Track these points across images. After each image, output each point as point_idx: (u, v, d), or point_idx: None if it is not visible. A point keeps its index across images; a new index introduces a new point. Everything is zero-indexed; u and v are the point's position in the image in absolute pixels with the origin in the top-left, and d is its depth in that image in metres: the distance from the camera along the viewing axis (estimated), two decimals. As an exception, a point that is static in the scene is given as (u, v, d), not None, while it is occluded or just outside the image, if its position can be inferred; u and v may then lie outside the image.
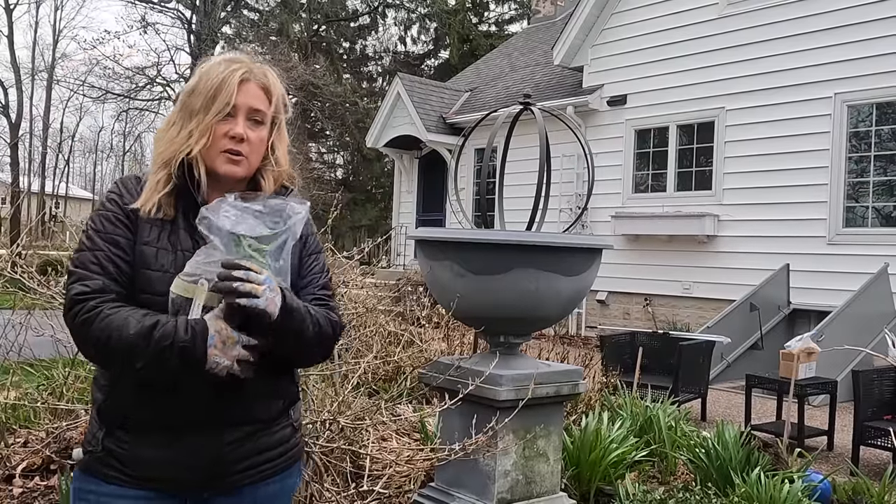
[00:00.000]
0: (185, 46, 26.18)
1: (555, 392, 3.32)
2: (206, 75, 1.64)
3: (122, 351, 1.48)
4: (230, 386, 1.56)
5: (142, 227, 1.60)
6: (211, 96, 1.62)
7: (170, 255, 1.59)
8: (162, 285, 1.56)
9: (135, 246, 1.58)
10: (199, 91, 1.63)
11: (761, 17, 10.43)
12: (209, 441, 1.59)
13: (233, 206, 1.55)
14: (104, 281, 1.54)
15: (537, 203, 3.41)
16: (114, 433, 1.59)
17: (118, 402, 1.59)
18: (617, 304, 12.00)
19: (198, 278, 1.53)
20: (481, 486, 3.25)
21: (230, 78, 1.63)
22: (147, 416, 1.58)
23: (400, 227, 15.37)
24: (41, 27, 27.72)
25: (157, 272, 1.57)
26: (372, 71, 30.58)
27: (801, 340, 5.99)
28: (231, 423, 1.62)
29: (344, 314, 4.27)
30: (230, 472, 1.63)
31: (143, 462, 1.58)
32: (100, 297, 1.52)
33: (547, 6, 18.82)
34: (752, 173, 10.43)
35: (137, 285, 1.57)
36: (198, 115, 1.62)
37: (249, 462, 1.65)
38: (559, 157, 11.71)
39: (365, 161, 26.92)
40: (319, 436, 3.24)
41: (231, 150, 1.63)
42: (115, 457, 1.59)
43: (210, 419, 1.59)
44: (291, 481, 1.77)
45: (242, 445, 1.63)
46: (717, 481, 4.11)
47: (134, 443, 1.58)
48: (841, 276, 9.26)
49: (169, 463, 1.58)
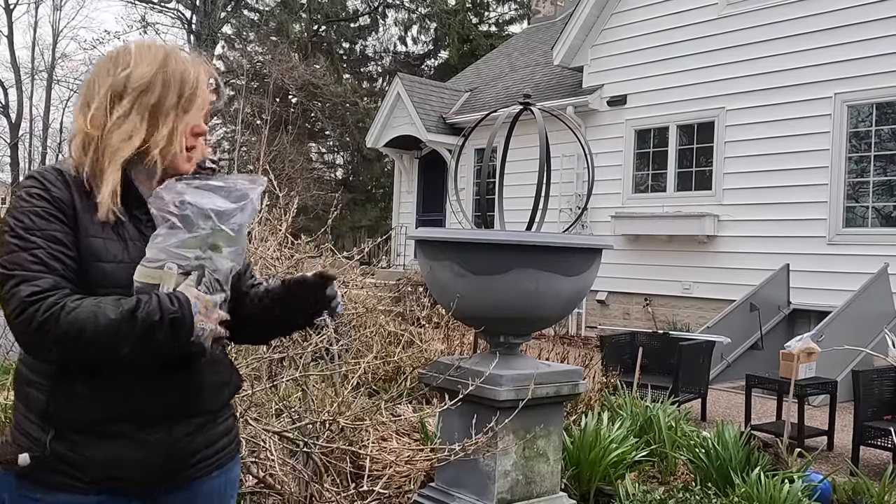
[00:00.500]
0: (185, 46, 26.16)
1: (555, 392, 3.32)
2: (171, 70, 1.57)
3: (103, 340, 1.42)
4: (191, 374, 1.57)
5: (82, 219, 1.51)
6: (190, 95, 1.57)
7: (118, 244, 1.53)
8: (118, 276, 1.50)
9: (79, 240, 1.50)
10: (165, 86, 1.56)
11: (761, 17, 10.43)
12: (163, 436, 1.55)
13: (193, 185, 1.55)
14: (54, 279, 1.44)
15: (537, 203, 3.41)
16: (65, 435, 1.50)
17: (66, 401, 1.50)
18: (617, 304, 12.00)
19: (163, 262, 1.50)
20: (481, 486, 3.25)
21: (202, 73, 1.59)
22: (100, 415, 1.50)
23: (400, 228, 15.37)
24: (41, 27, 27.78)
25: (110, 263, 1.51)
26: (372, 71, 30.57)
27: (801, 340, 5.99)
28: (184, 416, 1.59)
29: (344, 314, 4.28)
30: (184, 466, 1.60)
31: (100, 464, 1.51)
32: (55, 294, 1.43)
33: (547, 6, 18.82)
34: (752, 173, 10.43)
35: (92, 280, 1.49)
36: (171, 114, 1.56)
37: (201, 455, 1.63)
38: (559, 157, 11.70)
39: (365, 161, 26.92)
40: (319, 436, 3.24)
41: (190, 146, 1.60)
42: (66, 461, 1.50)
43: (164, 413, 1.56)
44: (235, 472, 1.76)
45: (195, 438, 1.61)
46: (717, 481, 4.11)
47: (87, 444, 1.50)
48: (841, 276, 9.26)
49: (126, 462, 1.52)
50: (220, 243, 1.54)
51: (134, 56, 1.58)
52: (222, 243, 1.54)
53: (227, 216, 1.54)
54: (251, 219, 1.61)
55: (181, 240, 1.50)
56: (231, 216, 1.54)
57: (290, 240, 4.32)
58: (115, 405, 1.51)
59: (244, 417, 3.14)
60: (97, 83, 1.58)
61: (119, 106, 1.55)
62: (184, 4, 25.50)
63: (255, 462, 3.38)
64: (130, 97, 1.55)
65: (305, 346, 3.49)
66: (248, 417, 3.17)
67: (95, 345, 1.43)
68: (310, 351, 3.46)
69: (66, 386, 1.50)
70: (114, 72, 1.57)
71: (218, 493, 1.70)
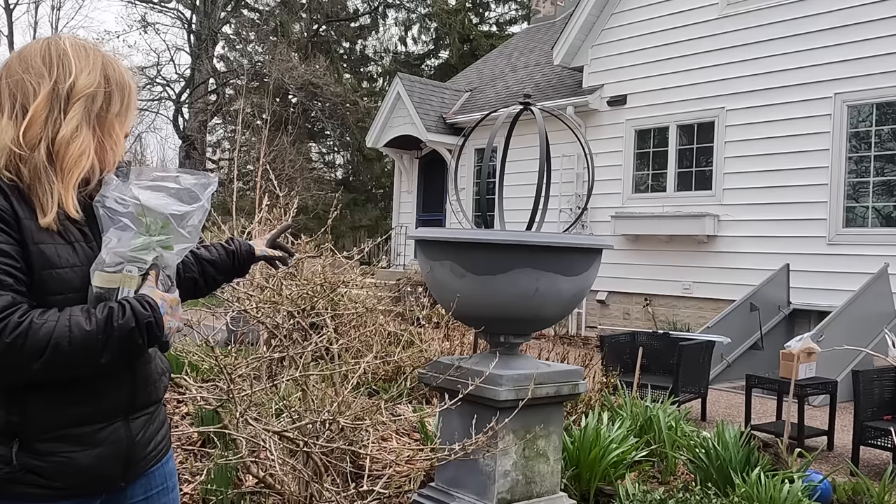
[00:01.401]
0: (185, 46, 26.20)
1: (555, 392, 3.32)
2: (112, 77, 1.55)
3: (80, 351, 1.40)
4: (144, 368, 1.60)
5: (26, 226, 1.44)
6: (127, 104, 1.57)
7: (67, 247, 1.49)
8: (75, 281, 1.48)
9: (26, 248, 1.43)
10: (108, 96, 1.54)
11: (761, 17, 10.43)
12: (124, 431, 1.57)
13: (141, 185, 1.54)
14: (10, 295, 1.38)
15: (537, 203, 3.41)
16: (29, 446, 1.46)
17: (26, 412, 1.45)
18: (617, 304, 12.00)
19: (122, 266, 1.50)
20: (481, 486, 3.25)
21: (129, 73, 1.59)
22: (62, 420, 1.48)
23: (400, 227, 15.38)
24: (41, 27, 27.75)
25: (65, 268, 1.47)
26: (372, 71, 30.57)
27: (801, 340, 5.99)
28: (139, 408, 1.61)
29: (344, 314, 4.28)
30: (142, 457, 1.64)
31: (73, 468, 1.49)
32: (17, 310, 1.37)
33: (547, 6, 18.82)
34: (753, 173, 10.43)
35: (46, 287, 1.44)
36: (116, 122, 1.56)
37: (153, 443, 1.67)
38: (559, 157, 11.71)
39: (365, 161, 26.93)
40: (319, 436, 3.24)
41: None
42: (35, 472, 1.46)
43: (122, 408, 1.57)
44: (173, 460, 1.81)
45: (148, 429, 1.64)
46: (717, 481, 4.11)
47: (53, 451, 1.47)
48: (841, 276, 9.26)
49: (97, 463, 1.53)
50: (174, 244, 1.56)
51: (73, 61, 1.52)
52: (175, 243, 1.56)
53: (182, 219, 1.55)
54: (204, 218, 1.61)
55: (138, 243, 1.51)
56: (187, 218, 1.56)
57: (290, 240, 4.32)
58: (77, 408, 1.50)
59: (244, 417, 3.15)
60: (29, 85, 1.49)
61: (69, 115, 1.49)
62: (184, 4, 25.50)
63: (255, 462, 3.38)
64: (78, 106, 1.50)
65: (305, 345, 3.49)
66: (248, 417, 3.17)
67: (72, 358, 1.40)
68: (310, 351, 3.46)
69: (25, 395, 1.46)
70: (51, 75, 1.50)
71: (167, 480, 1.75)
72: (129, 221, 1.50)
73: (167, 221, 1.53)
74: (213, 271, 1.88)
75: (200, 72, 24.25)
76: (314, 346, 3.49)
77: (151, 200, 1.52)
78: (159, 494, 1.72)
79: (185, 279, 1.78)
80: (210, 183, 1.60)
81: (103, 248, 1.50)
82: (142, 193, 1.52)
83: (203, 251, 1.88)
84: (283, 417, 3.47)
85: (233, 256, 1.92)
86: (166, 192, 1.55)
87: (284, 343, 3.57)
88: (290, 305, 3.74)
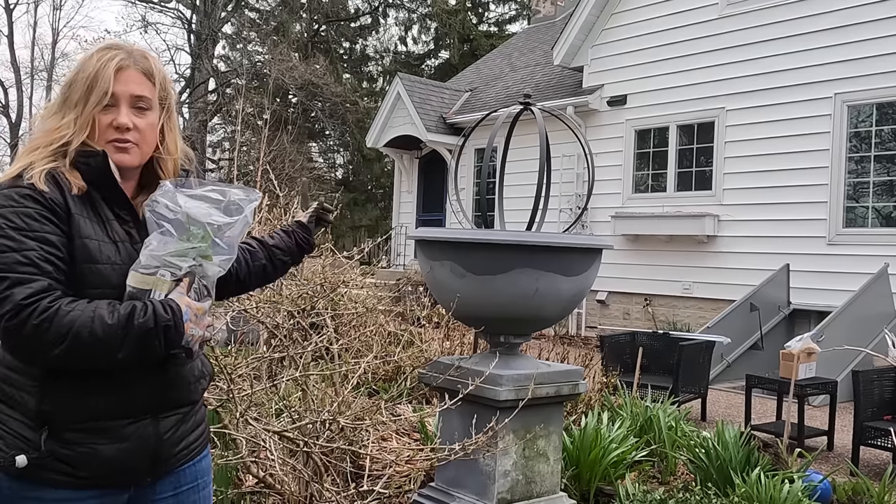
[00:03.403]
0: (185, 46, 26.19)
1: (555, 392, 3.32)
2: (83, 66, 1.62)
3: (100, 343, 1.45)
4: (175, 369, 1.63)
5: (76, 220, 1.53)
6: (88, 87, 1.59)
7: (111, 246, 1.57)
8: (113, 278, 1.54)
9: (72, 241, 1.52)
10: (76, 82, 1.60)
11: (761, 17, 10.43)
12: (153, 428, 1.61)
13: (188, 192, 1.58)
14: (48, 281, 1.46)
15: (537, 203, 3.41)
16: (58, 434, 1.52)
17: (58, 400, 1.52)
18: (617, 304, 12.00)
19: (156, 269, 1.54)
20: (481, 486, 3.25)
21: (106, 67, 1.60)
22: (92, 412, 1.54)
23: (400, 227, 15.37)
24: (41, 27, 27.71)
25: (105, 265, 1.54)
26: (372, 71, 30.57)
27: (801, 340, 5.98)
28: (170, 407, 1.65)
29: (344, 314, 4.28)
30: (171, 455, 1.67)
31: (98, 460, 1.54)
32: (49, 296, 1.45)
33: (547, 6, 18.81)
34: (753, 173, 10.43)
35: (85, 280, 1.52)
36: (76, 107, 1.59)
37: (185, 442, 1.70)
38: (559, 157, 11.70)
39: (365, 161, 26.92)
40: (319, 435, 3.24)
41: (118, 139, 1.61)
42: (62, 460, 1.52)
43: (153, 405, 1.62)
44: (209, 459, 1.84)
45: (179, 428, 1.68)
46: (717, 481, 4.11)
47: (81, 441, 1.53)
48: (841, 276, 9.26)
49: (122, 456, 1.57)
50: (212, 254, 1.59)
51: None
52: (213, 253, 1.59)
53: (221, 230, 1.59)
54: (244, 232, 1.66)
55: (175, 248, 1.54)
56: (225, 230, 1.59)
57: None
58: (106, 401, 1.55)
59: (244, 417, 3.15)
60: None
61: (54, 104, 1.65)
62: (184, 4, 25.49)
63: (255, 462, 3.38)
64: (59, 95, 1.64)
65: (305, 345, 3.50)
66: (248, 417, 3.17)
67: (91, 349, 1.45)
68: (310, 351, 3.46)
69: (57, 385, 1.52)
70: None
71: (198, 478, 1.77)
72: (172, 227, 1.55)
73: (206, 231, 1.56)
74: (280, 254, 2.01)
75: (200, 72, 24.25)
76: (314, 345, 3.49)
77: (193, 209, 1.56)
78: (189, 492, 1.75)
79: (255, 267, 1.94)
80: (255, 198, 1.65)
81: (142, 250, 1.56)
82: (185, 201, 1.56)
83: (267, 238, 2.03)
84: (283, 417, 3.47)
85: (291, 235, 2.06)
86: (210, 203, 1.59)
87: (284, 343, 3.57)
88: (291, 305, 3.74)
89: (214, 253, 1.58)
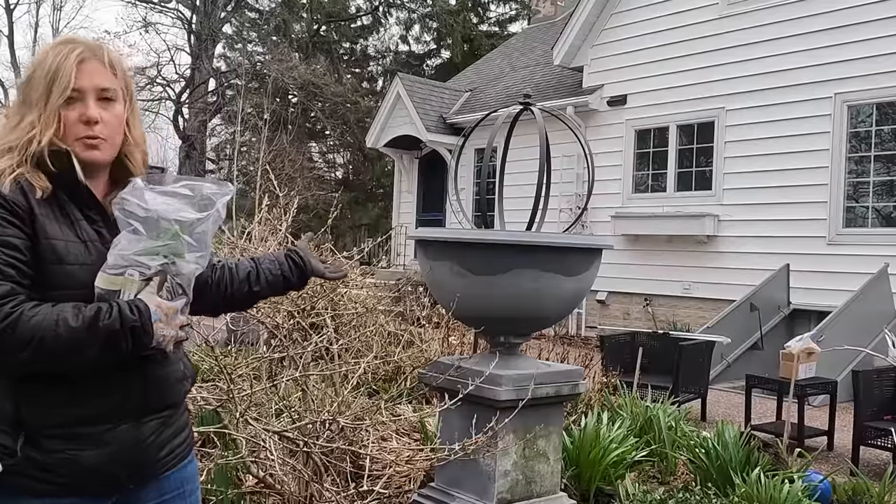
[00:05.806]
0: (185, 46, 26.16)
1: (555, 392, 3.32)
2: (40, 63, 1.56)
3: (65, 346, 1.42)
4: (155, 371, 1.60)
5: (40, 222, 1.49)
6: (49, 82, 1.54)
7: (79, 245, 1.53)
8: (83, 278, 1.51)
9: (36, 244, 1.48)
10: (35, 79, 1.55)
11: (761, 17, 10.43)
12: (134, 432, 1.58)
13: (157, 189, 1.54)
14: (9, 285, 1.43)
15: (537, 203, 3.41)
16: (35, 440, 1.49)
17: (35, 406, 1.49)
18: (617, 304, 12.00)
19: (124, 269, 1.50)
20: (481, 486, 3.25)
21: (66, 59, 1.55)
22: (70, 417, 1.51)
23: (400, 227, 15.37)
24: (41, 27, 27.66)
25: (74, 265, 1.51)
26: (373, 70, 30.55)
27: (801, 340, 5.98)
28: (151, 411, 1.61)
29: (344, 314, 4.28)
30: (154, 461, 1.63)
31: (77, 467, 1.51)
32: (12, 301, 1.42)
33: (547, 6, 18.82)
34: (753, 173, 10.43)
35: (55, 281, 1.49)
36: (37, 105, 1.54)
37: (168, 447, 1.66)
38: (559, 157, 11.69)
39: (365, 161, 26.90)
40: (319, 436, 3.24)
41: (88, 136, 1.56)
42: (40, 467, 1.49)
43: (133, 410, 1.58)
44: (194, 463, 1.81)
45: (161, 433, 1.64)
46: (717, 481, 4.11)
47: (59, 447, 1.49)
48: (841, 276, 9.25)
49: (103, 462, 1.53)
50: (183, 251, 1.54)
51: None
52: (185, 251, 1.54)
53: (191, 226, 1.54)
54: (216, 226, 1.61)
55: (143, 247, 1.50)
56: (195, 226, 1.55)
57: (291, 239, 4.32)
58: (84, 406, 1.52)
59: (244, 417, 3.15)
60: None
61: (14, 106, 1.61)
62: (184, 4, 25.47)
63: (255, 462, 3.38)
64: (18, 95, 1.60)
65: (305, 345, 3.50)
66: (248, 417, 3.17)
67: (57, 352, 1.43)
68: (310, 351, 3.46)
69: (33, 390, 1.49)
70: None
71: (184, 485, 1.74)
72: (141, 226, 1.50)
73: (173, 228, 1.52)
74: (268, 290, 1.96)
75: (200, 72, 24.23)
76: (314, 346, 3.49)
77: (161, 206, 1.52)
78: (174, 499, 1.71)
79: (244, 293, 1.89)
80: (227, 192, 1.61)
81: (110, 250, 1.52)
82: (153, 198, 1.52)
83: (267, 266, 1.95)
84: (283, 417, 3.47)
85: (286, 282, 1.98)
86: (179, 199, 1.55)
87: (284, 343, 3.57)
88: (290, 305, 3.74)
89: (185, 250, 1.54)
